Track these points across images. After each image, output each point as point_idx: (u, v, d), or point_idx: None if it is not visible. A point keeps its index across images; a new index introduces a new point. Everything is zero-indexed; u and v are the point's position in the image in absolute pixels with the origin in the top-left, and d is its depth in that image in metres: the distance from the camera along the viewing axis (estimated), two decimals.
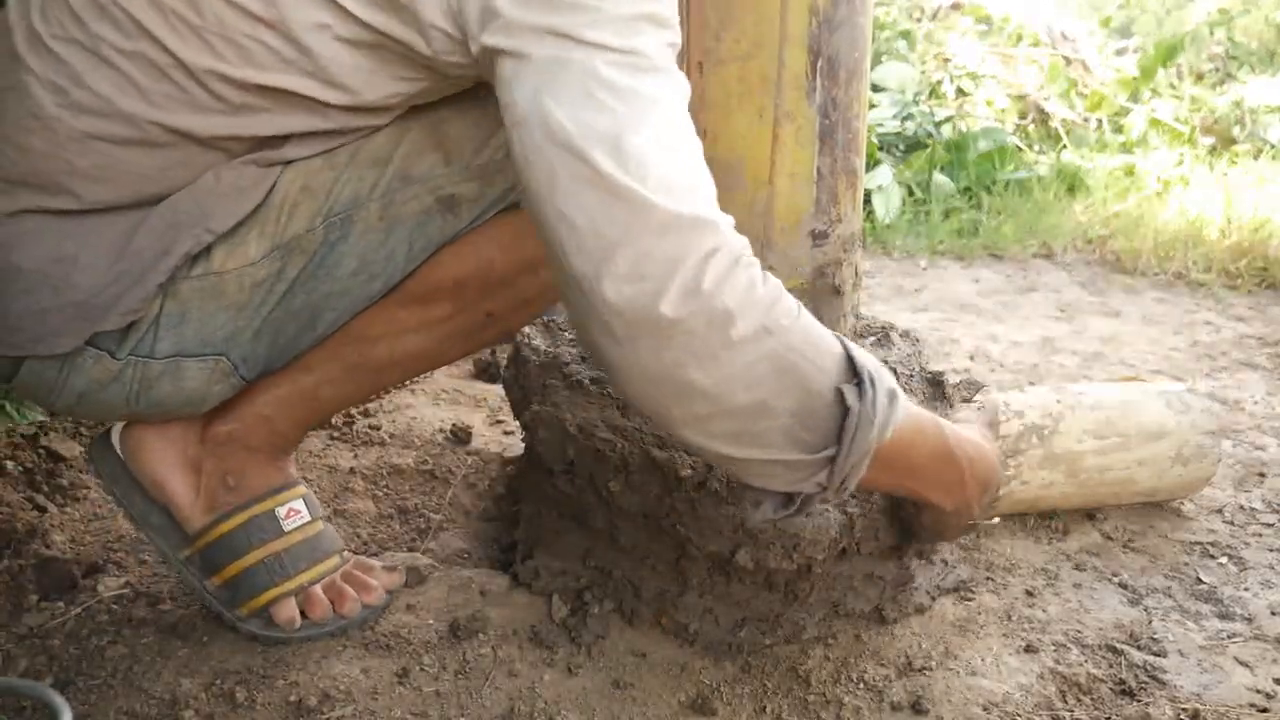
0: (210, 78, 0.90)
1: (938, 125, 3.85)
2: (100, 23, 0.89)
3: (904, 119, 3.89)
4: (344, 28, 0.88)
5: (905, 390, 1.15)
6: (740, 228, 1.12)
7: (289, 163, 0.96)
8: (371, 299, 1.00)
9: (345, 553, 1.16)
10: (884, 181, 3.45)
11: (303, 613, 1.09)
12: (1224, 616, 1.27)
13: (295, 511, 1.10)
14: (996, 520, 1.05)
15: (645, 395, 0.83)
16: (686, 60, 1.11)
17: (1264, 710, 1.09)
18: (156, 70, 0.90)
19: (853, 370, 0.84)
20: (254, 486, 1.09)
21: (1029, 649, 1.17)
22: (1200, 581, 1.35)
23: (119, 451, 1.09)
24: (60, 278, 0.94)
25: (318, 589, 1.10)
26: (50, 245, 0.94)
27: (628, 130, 0.78)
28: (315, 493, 1.43)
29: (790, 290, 0.84)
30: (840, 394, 0.83)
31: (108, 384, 0.98)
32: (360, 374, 1.06)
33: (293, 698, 1.01)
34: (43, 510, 1.32)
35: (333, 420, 1.63)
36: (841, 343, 0.86)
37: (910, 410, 0.92)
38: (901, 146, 3.83)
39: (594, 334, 0.81)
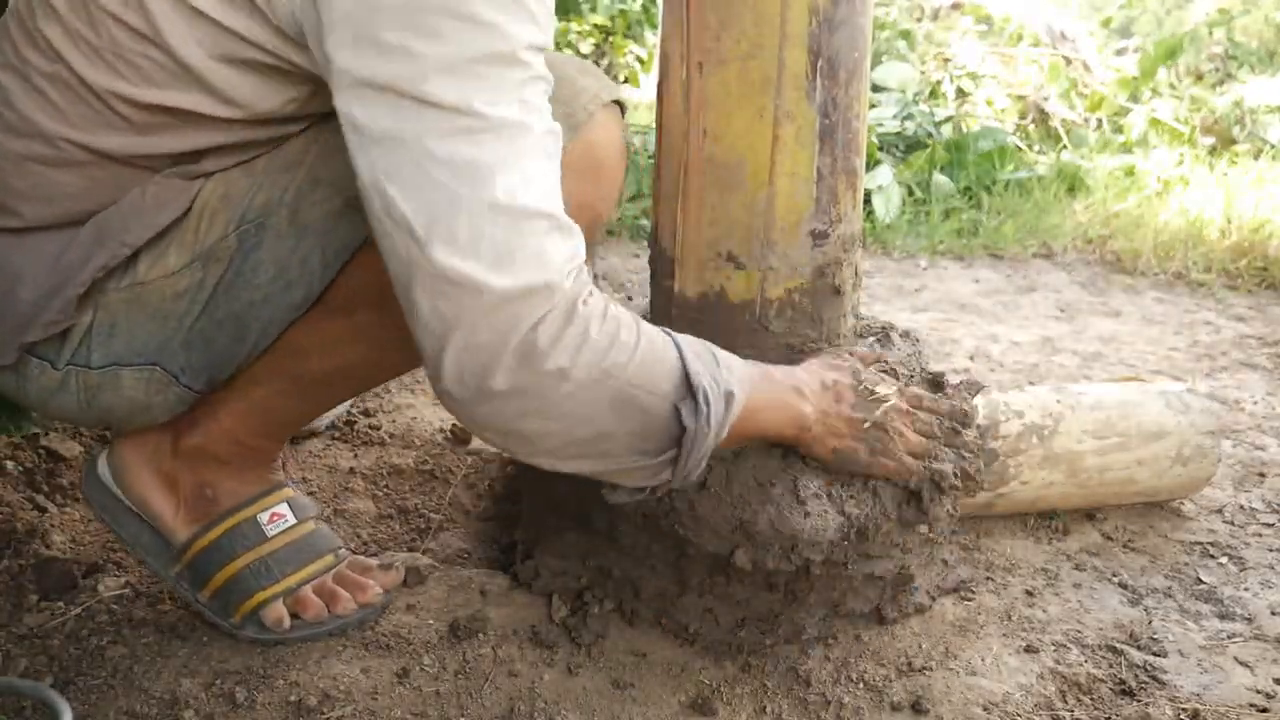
0: (113, 98, 0.91)
1: (938, 125, 3.85)
2: (28, 48, 0.93)
3: (904, 119, 3.89)
4: (217, 42, 0.89)
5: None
6: (740, 227, 1.13)
7: (211, 174, 0.97)
8: (296, 308, 0.99)
9: (341, 550, 1.16)
10: (884, 181, 3.45)
11: (295, 615, 1.09)
12: (1224, 616, 1.27)
13: (278, 516, 1.11)
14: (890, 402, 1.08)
15: (493, 440, 0.91)
16: (686, 60, 1.11)
17: (1264, 710, 1.09)
18: (72, 92, 0.92)
19: (689, 387, 0.90)
20: (233, 496, 1.10)
21: (1029, 649, 1.17)
22: (1200, 581, 1.35)
23: (106, 478, 1.10)
24: (6, 291, 0.97)
25: (308, 590, 1.10)
26: (1, 261, 0.98)
27: (461, 209, 0.79)
28: (314, 493, 1.44)
29: (790, 290, 0.84)
30: (678, 411, 0.90)
31: (56, 392, 1.00)
32: (307, 387, 1.05)
33: (293, 698, 1.01)
34: (43, 510, 1.32)
35: (333, 420, 1.63)
36: (680, 356, 0.91)
37: (750, 385, 0.98)
38: (901, 146, 3.83)
39: (441, 396, 0.86)
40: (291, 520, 1.12)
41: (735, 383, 0.95)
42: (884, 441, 1.07)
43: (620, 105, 1.07)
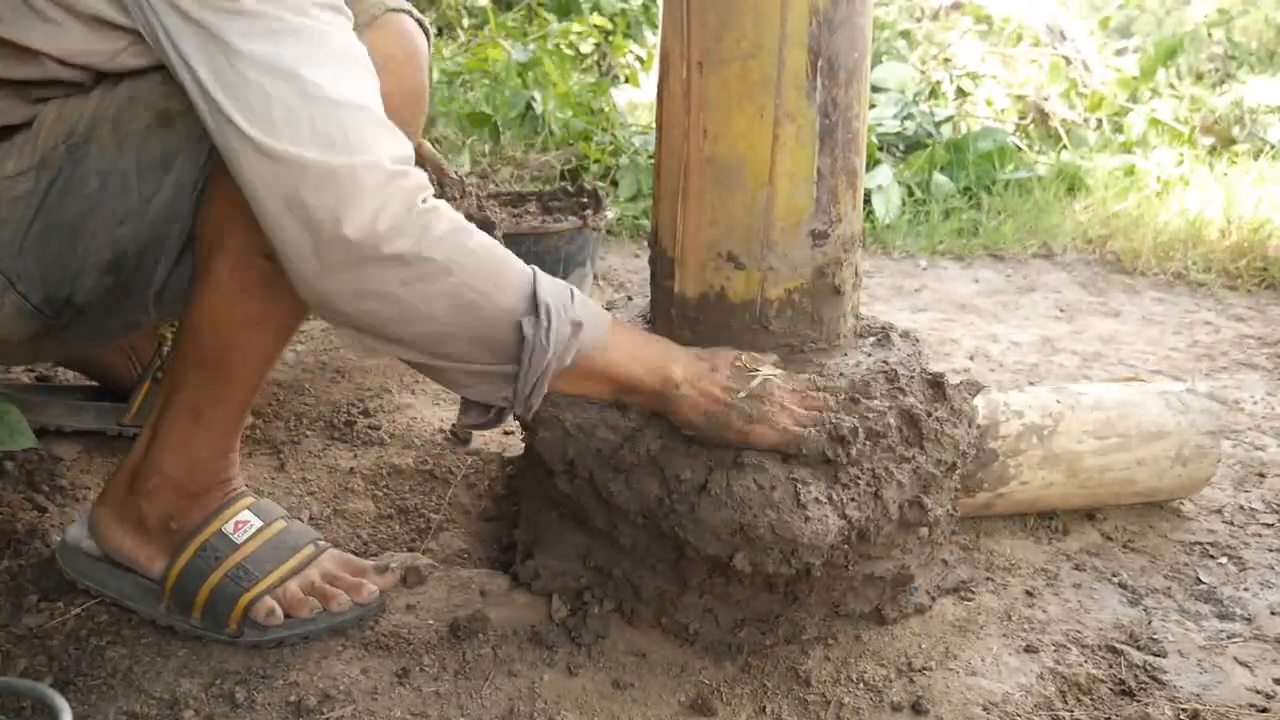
0: None
1: (938, 125, 3.85)
2: None
3: (904, 119, 3.89)
4: None
5: (904, 391, 1.15)
6: (740, 227, 1.13)
7: (51, 99, 1.03)
8: (120, 221, 1.03)
9: (321, 541, 1.17)
10: (884, 181, 3.45)
11: (288, 615, 1.09)
12: (1224, 616, 1.27)
13: (244, 523, 1.12)
14: (772, 370, 1.10)
15: (338, 326, 0.94)
16: (686, 60, 1.11)
17: (1264, 710, 1.09)
18: None
19: (534, 303, 0.95)
20: (194, 518, 1.11)
21: (1029, 649, 1.17)
22: (1200, 581, 1.35)
23: (77, 543, 1.14)
24: None
25: (295, 587, 1.11)
26: None
27: (276, 99, 0.86)
28: (314, 493, 1.44)
29: (790, 290, 0.84)
30: (521, 326, 0.95)
31: None
32: (221, 369, 1.07)
33: (293, 698, 1.01)
34: (43, 510, 1.32)
35: (333, 421, 1.63)
36: (533, 277, 0.96)
37: (611, 330, 1.04)
38: (901, 146, 3.83)
39: (287, 271, 0.91)
40: (258, 524, 1.13)
41: (589, 317, 1.00)
42: (762, 411, 1.08)
43: (419, 24, 1.09)
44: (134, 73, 1.01)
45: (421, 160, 1.35)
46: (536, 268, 1.00)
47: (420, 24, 1.09)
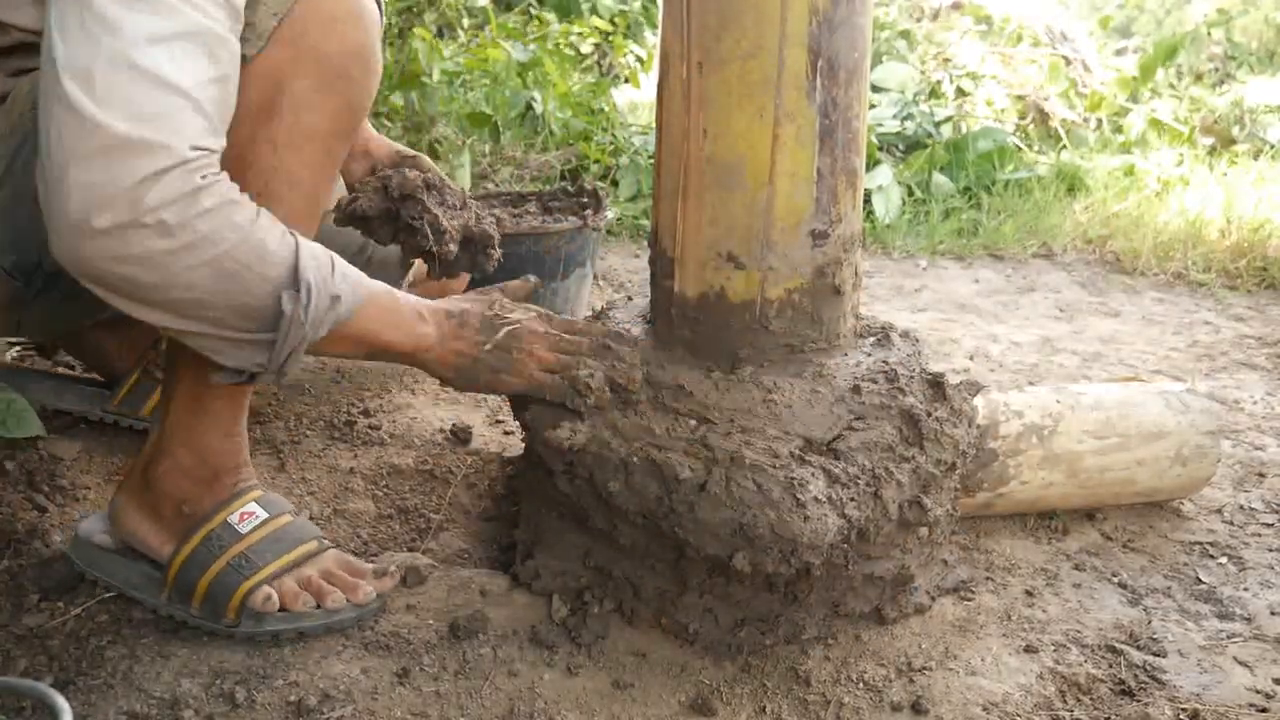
0: None
1: (938, 125, 3.85)
2: None
3: (904, 119, 3.90)
4: None
5: (904, 391, 1.15)
6: (740, 227, 1.13)
7: (27, 71, 1.09)
8: None
9: (323, 540, 1.17)
10: (884, 181, 3.45)
11: (282, 607, 1.10)
12: (1224, 616, 1.27)
13: (249, 514, 1.14)
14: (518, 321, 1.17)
15: (94, 284, 0.93)
16: (686, 60, 1.11)
17: (1263, 710, 1.09)
18: None
19: (295, 278, 0.97)
20: (205, 505, 1.13)
21: (1029, 649, 1.17)
22: (1200, 581, 1.35)
23: (87, 535, 1.17)
24: None
25: (291, 580, 1.12)
26: None
27: (104, 60, 0.87)
28: (315, 493, 1.44)
29: (790, 290, 0.83)
30: (281, 298, 0.97)
31: None
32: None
33: (293, 698, 1.01)
34: (43, 510, 1.32)
35: (333, 421, 1.63)
36: (295, 252, 0.98)
37: (368, 299, 1.06)
38: (901, 146, 3.83)
39: (50, 229, 0.91)
40: (264, 515, 1.15)
41: (348, 290, 1.03)
42: (509, 361, 1.15)
43: None
44: None
45: (419, 168, 1.36)
46: (301, 240, 1.00)
47: None
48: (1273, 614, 1.28)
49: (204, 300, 0.95)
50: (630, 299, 1.42)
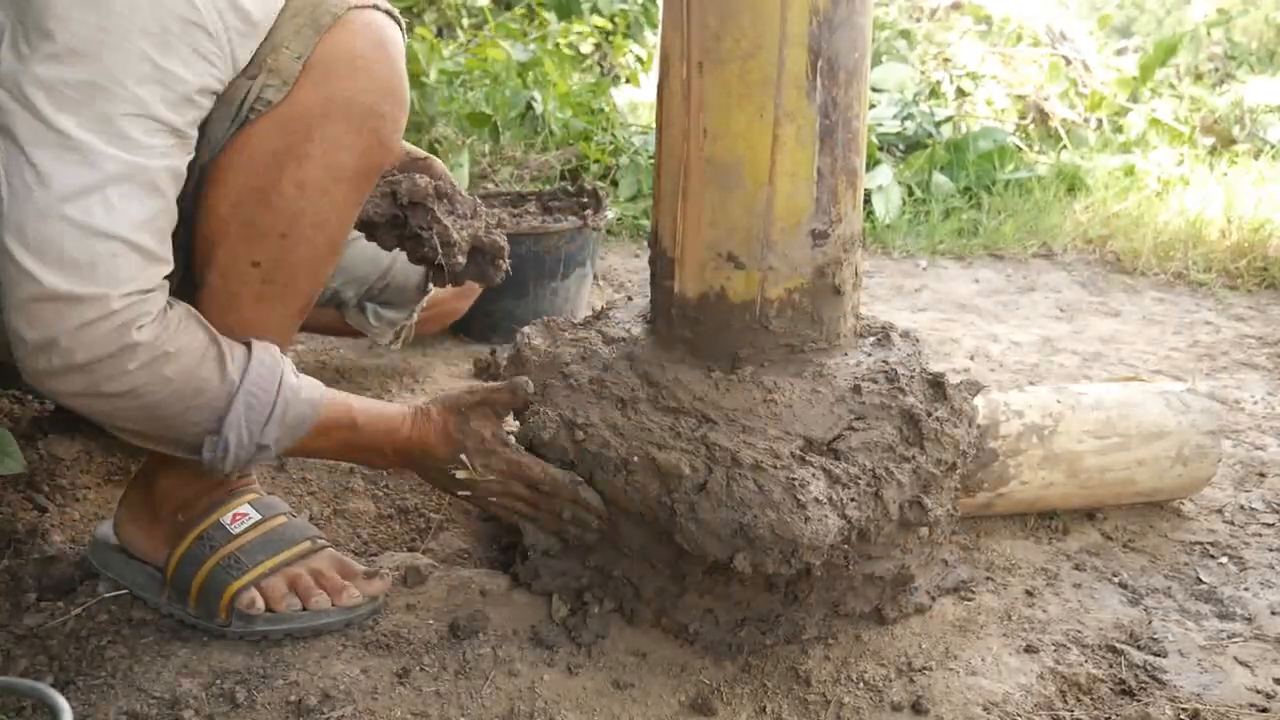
0: None
1: (938, 125, 3.85)
2: None
3: (904, 119, 3.90)
4: None
5: (904, 391, 1.15)
6: (740, 228, 1.13)
7: None
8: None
9: (319, 540, 1.17)
10: (884, 181, 3.45)
11: (268, 608, 1.10)
12: (1224, 616, 1.27)
13: (241, 515, 1.15)
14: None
15: (54, 400, 0.98)
16: (686, 60, 1.11)
17: (1264, 710, 1.09)
18: None
19: (219, 430, 1.01)
20: (199, 510, 1.15)
21: (1029, 649, 1.17)
22: (1200, 581, 1.35)
23: (104, 536, 1.20)
24: None
25: (278, 580, 1.12)
26: None
27: (34, 214, 0.89)
28: (315, 493, 1.44)
29: (790, 290, 0.83)
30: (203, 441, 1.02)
31: None
32: None
33: (293, 698, 1.01)
34: (43, 510, 1.32)
35: None
36: (230, 401, 1.01)
37: (331, 430, 1.10)
38: (901, 146, 3.83)
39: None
40: (256, 517, 1.15)
41: (283, 434, 1.05)
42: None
43: (388, 15, 1.07)
44: None
45: (431, 173, 1.34)
46: (247, 379, 1.02)
47: (390, 14, 1.07)
48: (1273, 614, 1.28)
49: (145, 432, 1.01)
50: (630, 299, 1.42)
